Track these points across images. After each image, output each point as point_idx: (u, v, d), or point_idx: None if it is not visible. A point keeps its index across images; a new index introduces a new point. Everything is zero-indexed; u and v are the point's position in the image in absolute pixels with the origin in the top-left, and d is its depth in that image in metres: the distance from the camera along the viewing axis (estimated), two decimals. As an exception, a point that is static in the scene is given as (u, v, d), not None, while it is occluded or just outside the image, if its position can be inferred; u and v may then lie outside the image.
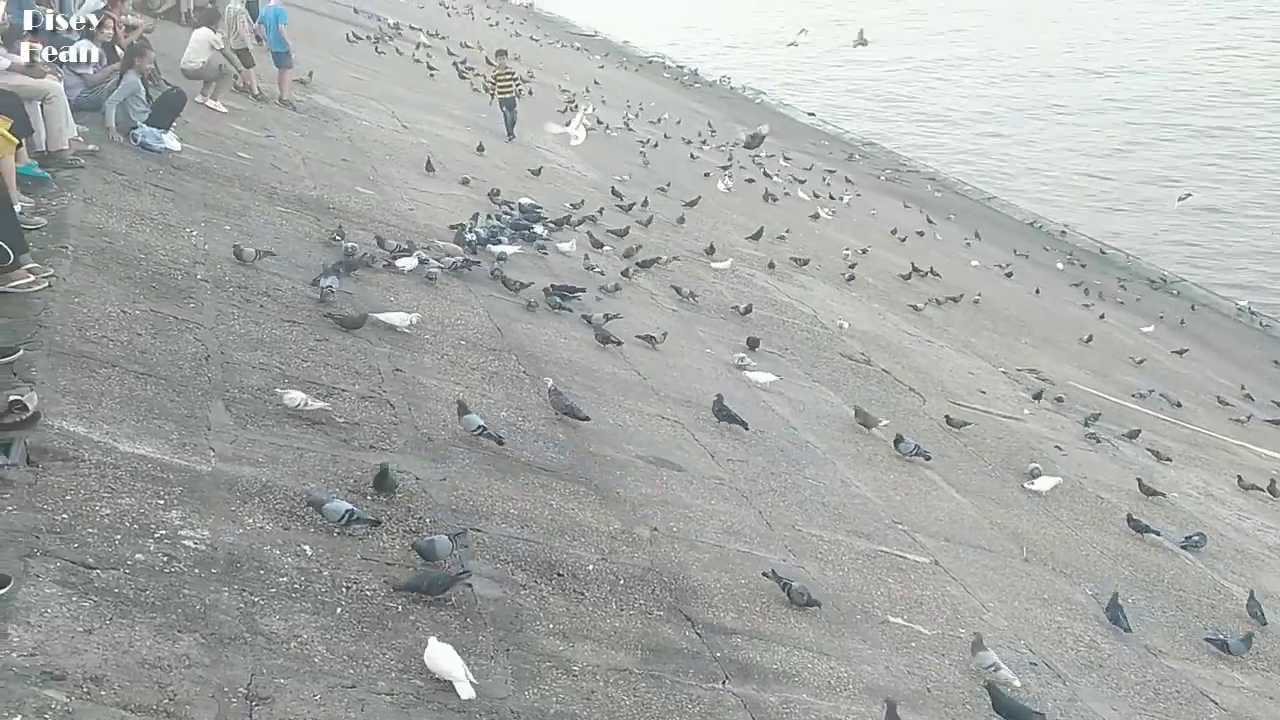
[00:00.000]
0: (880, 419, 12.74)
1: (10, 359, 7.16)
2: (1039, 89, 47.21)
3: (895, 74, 48.70)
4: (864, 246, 25.30)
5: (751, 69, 48.59)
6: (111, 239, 9.91)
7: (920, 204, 34.66)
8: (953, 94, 46.71)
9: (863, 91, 46.53)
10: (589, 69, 40.60)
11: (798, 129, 41.37)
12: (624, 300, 14.48)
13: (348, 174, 15.77)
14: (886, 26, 53.81)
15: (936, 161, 41.20)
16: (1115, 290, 32.80)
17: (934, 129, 43.45)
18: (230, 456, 7.05)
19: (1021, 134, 43.43)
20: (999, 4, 59.47)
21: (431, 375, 9.65)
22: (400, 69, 28.77)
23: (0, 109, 10.06)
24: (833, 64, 49.53)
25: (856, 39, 42.29)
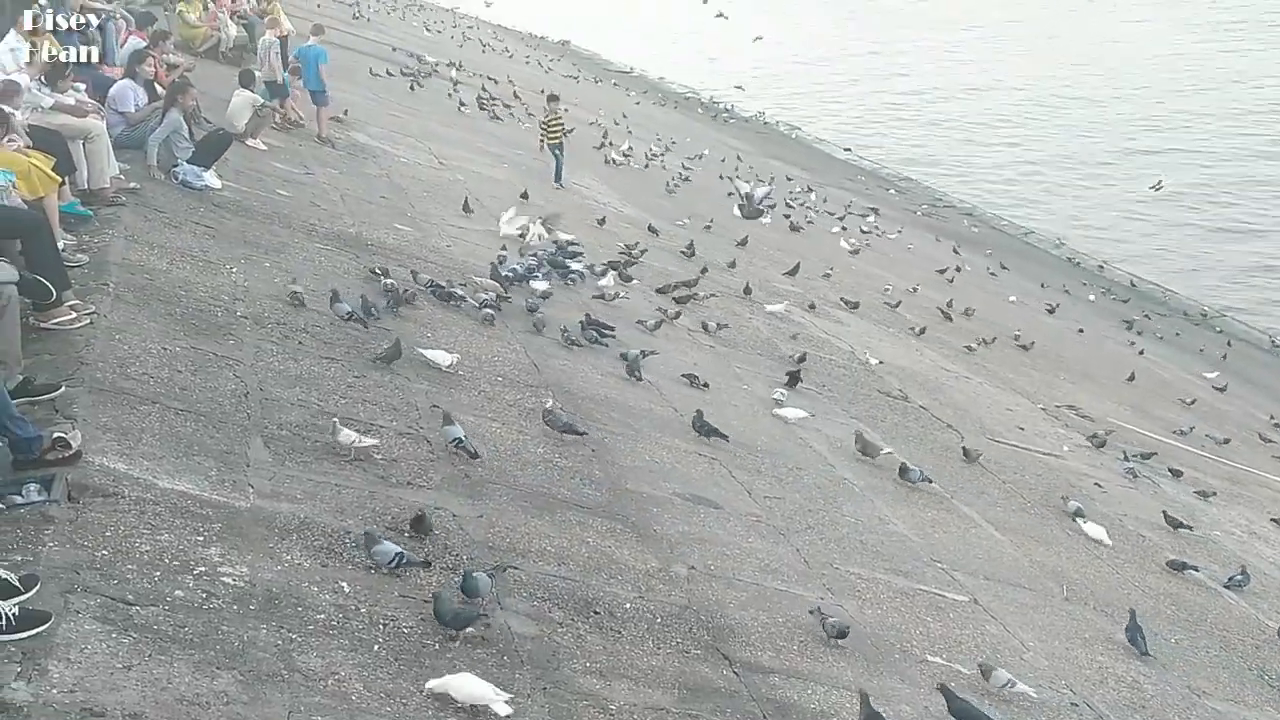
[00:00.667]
0: (883, 447, 12.60)
1: (52, 396, 7.23)
2: (1076, 125, 47.09)
3: (931, 106, 48.68)
4: (913, 285, 25.17)
5: (784, 102, 48.64)
6: (152, 276, 9.99)
7: (956, 239, 34.59)
8: (988, 126, 46.66)
9: (898, 124, 46.51)
10: (625, 105, 40.75)
11: (833, 164, 41.40)
12: (660, 337, 14.47)
13: (386, 211, 15.86)
14: (921, 61, 54.03)
15: (972, 195, 41.12)
16: (1154, 325, 32.57)
17: (967, 162, 43.38)
18: (269, 493, 7.08)
19: (1058, 168, 43.29)
20: (1041, 47, 59.45)
21: (468, 411, 9.66)
22: (437, 106, 28.96)
23: (44, 147, 10.20)
24: (867, 95, 49.58)
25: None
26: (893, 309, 21.62)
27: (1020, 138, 45.48)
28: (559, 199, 21.45)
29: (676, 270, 18.46)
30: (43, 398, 7.18)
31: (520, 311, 13.13)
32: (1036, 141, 45.05)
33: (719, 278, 19.17)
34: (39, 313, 8.25)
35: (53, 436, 6.53)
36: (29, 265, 8.29)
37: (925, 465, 13.03)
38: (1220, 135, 45.52)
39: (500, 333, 12.23)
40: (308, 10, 37.21)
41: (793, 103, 48.80)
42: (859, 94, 49.90)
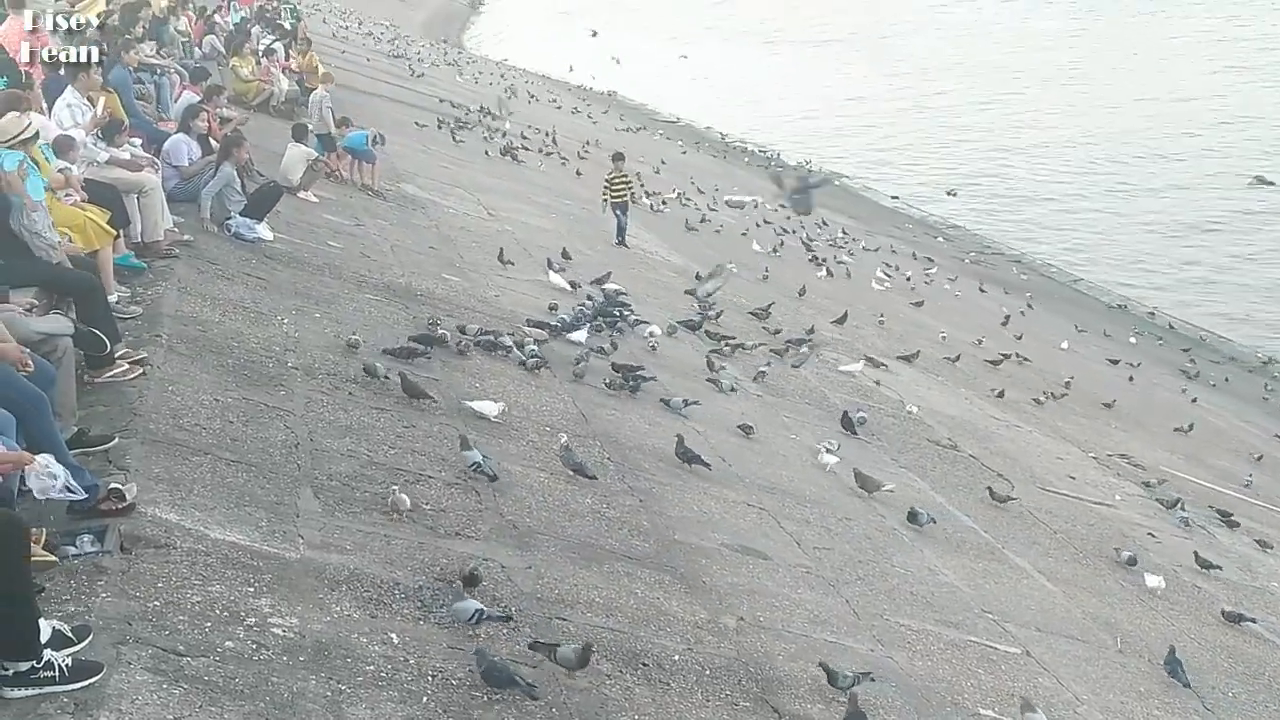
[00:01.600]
0: (884, 483, 12.45)
1: (106, 447, 7.30)
2: (1126, 172, 46.88)
3: (979, 153, 48.58)
4: (977, 338, 24.95)
5: (833, 150, 48.66)
6: (205, 327, 10.10)
7: (1005, 286, 34.42)
8: (1037, 172, 46.50)
9: (945, 171, 46.41)
10: (671, 154, 40.93)
11: (881, 212, 41.35)
12: (705, 384, 14.46)
13: (435, 261, 15.98)
14: (969, 108, 54.03)
15: (1020, 242, 40.93)
16: (1205, 371, 32.15)
17: (1017, 210, 43.21)
18: (319, 544, 7.11)
19: (1105, 212, 43.05)
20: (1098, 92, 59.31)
21: (516, 461, 9.68)
22: (485, 157, 29.17)
23: (99, 201, 10.36)
24: (913, 142, 49.56)
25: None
26: (952, 362, 21.32)
27: (1069, 184, 45.32)
28: (616, 256, 21.53)
29: (741, 324, 18.47)
30: (97, 449, 7.26)
31: (568, 361, 13.15)
32: (1086, 188, 44.86)
33: (769, 326, 19.15)
34: (92, 370, 8.36)
35: (109, 487, 6.60)
36: (81, 319, 8.40)
37: (975, 515, 12.94)
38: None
39: (548, 382, 12.26)
40: (360, 65, 37.73)
41: (837, 150, 48.80)
42: (905, 141, 49.83)
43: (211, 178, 13.58)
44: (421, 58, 51.05)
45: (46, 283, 8.77)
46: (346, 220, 16.63)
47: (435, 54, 56.00)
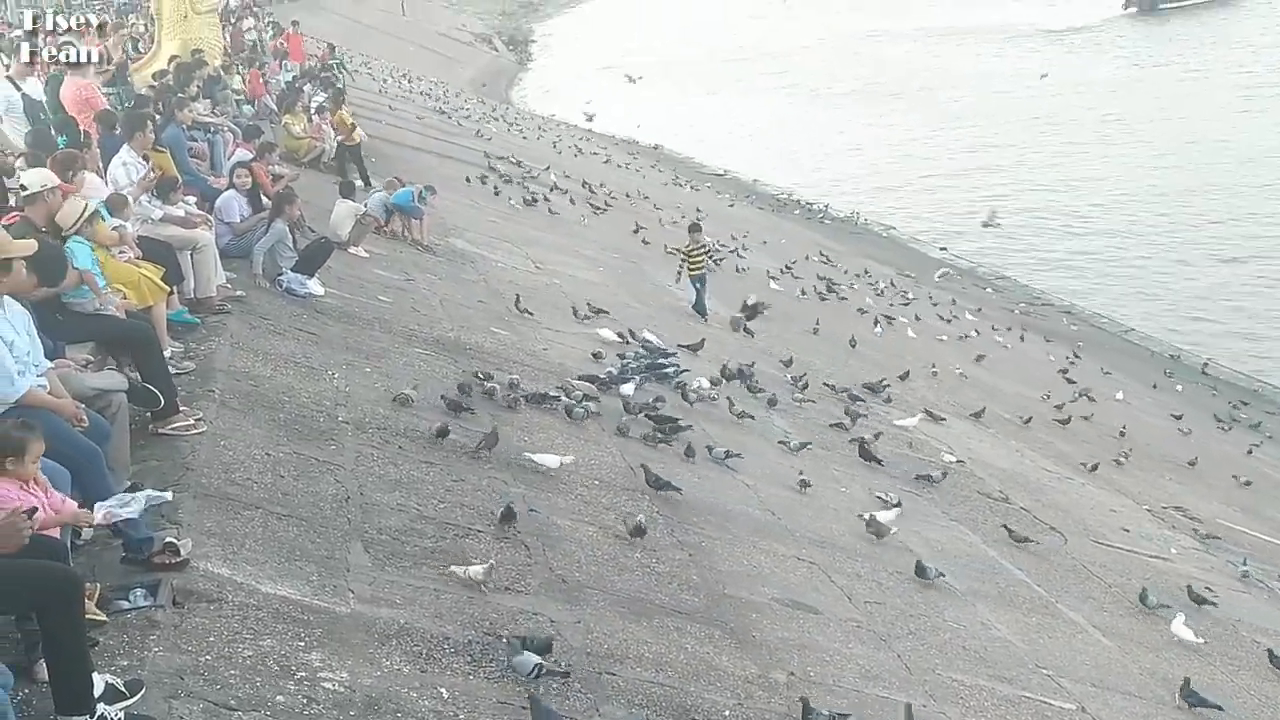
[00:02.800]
0: (891, 528, 12.28)
1: (158, 502, 7.35)
2: (1176, 221, 46.53)
3: (1026, 203, 48.38)
4: (1044, 393, 24.75)
5: (880, 201, 48.65)
6: (257, 382, 10.18)
7: (1054, 336, 34.18)
8: (1089, 222, 46.26)
9: (991, 227, 46.29)
10: (719, 208, 41.05)
11: (929, 263, 41.21)
12: (753, 435, 14.42)
13: (484, 315, 16.06)
14: (1015, 159, 53.88)
15: (1067, 292, 40.64)
16: (1256, 421, 31.68)
17: (1066, 261, 42.96)
18: (369, 598, 7.12)
19: (1155, 263, 42.72)
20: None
21: (566, 516, 9.67)
22: (532, 211, 29.33)
23: (154, 258, 10.49)
24: (960, 193, 49.44)
25: (988, 219, 42.02)
26: (1024, 424, 21.01)
27: (1122, 235, 45.04)
28: (643, 290, 21.54)
29: (775, 373, 18.43)
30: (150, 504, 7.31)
31: (617, 414, 13.14)
32: (1137, 240, 44.59)
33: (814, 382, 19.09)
34: (157, 421, 8.45)
35: (164, 541, 6.65)
36: (139, 374, 8.50)
37: (1028, 568, 12.79)
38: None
39: (597, 436, 12.26)
40: (409, 122, 38.15)
41: (885, 201, 48.80)
42: (954, 193, 49.74)
43: (264, 234, 13.73)
44: (470, 114, 51.55)
45: (102, 338, 8.88)
46: (396, 275, 16.74)
47: (484, 110, 56.50)
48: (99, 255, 9.42)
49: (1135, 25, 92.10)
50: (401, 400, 10.98)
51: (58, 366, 7.50)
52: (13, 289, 7.05)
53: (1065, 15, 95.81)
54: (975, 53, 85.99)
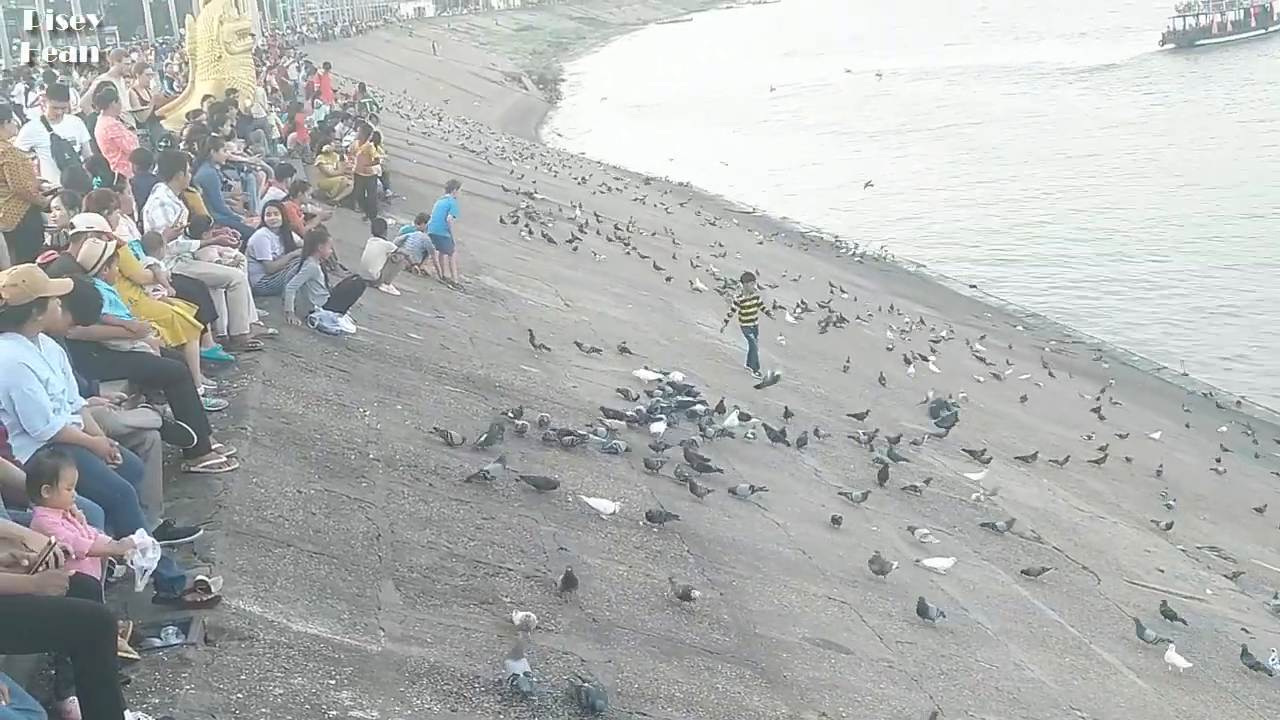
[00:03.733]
0: (893, 563, 12.07)
1: (191, 539, 7.39)
2: (1212, 257, 46.25)
3: (1054, 240, 48.20)
4: (1087, 434, 24.51)
5: (909, 238, 48.56)
6: (289, 420, 10.23)
7: (1085, 374, 33.97)
8: (1116, 259, 46.05)
9: (1022, 258, 46.10)
10: (748, 245, 41.09)
11: (958, 301, 41.11)
12: (785, 474, 14.38)
13: (513, 352, 16.10)
14: (1037, 195, 53.75)
15: (1098, 329, 40.39)
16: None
17: (1095, 299, 42.73)
18: (399, 636, 7.11)
19: (1184, 300, 42.44)
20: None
21: (595, 554, 9.66)
22: (562, 248, 29.44)
23: (187, 296, 10.57)
24: (988, 230, 49.33)
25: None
26: (1060, 466, 20.76)
27: (1150, 271, 44.82)
28: (670, 327, 21.53)
29: (826, 417, 18.37)
30: (182, 540, 7.36)
31: (645, 452, 13.10)
32: (1166, 276, 44.36)
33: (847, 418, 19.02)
34: (189, 458, 8.50)
35: (195, 579, 6.68)
36: (173, 412, 8.55)
37: (1061, 608, 12.68)
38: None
39: (625, 473, 12.24)
40: (440, 160, 38.41)
41: (913, 238, 48.75)
42: (982, 229, 49.66)
43: (296, 272, 13.82)
44: (499, 152, 51.86)
45: (136, 376, 8.94)
46: (427, 312, 16.82)
47: (513, 148, 56.83)
48: (133, 294, 9.51)
49: (1170, 62, 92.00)
50: (444, 437, 11.07)
51: (92, 404, 7.55)
52: (48, 327, 7.13)
53: (1099, 53, 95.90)
54: (1005, 91, 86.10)
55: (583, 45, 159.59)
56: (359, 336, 13.89)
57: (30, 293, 6.90)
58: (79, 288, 7.73)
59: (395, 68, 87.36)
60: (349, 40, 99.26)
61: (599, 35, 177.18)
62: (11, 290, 6.91)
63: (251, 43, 28.60)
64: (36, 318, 6.90)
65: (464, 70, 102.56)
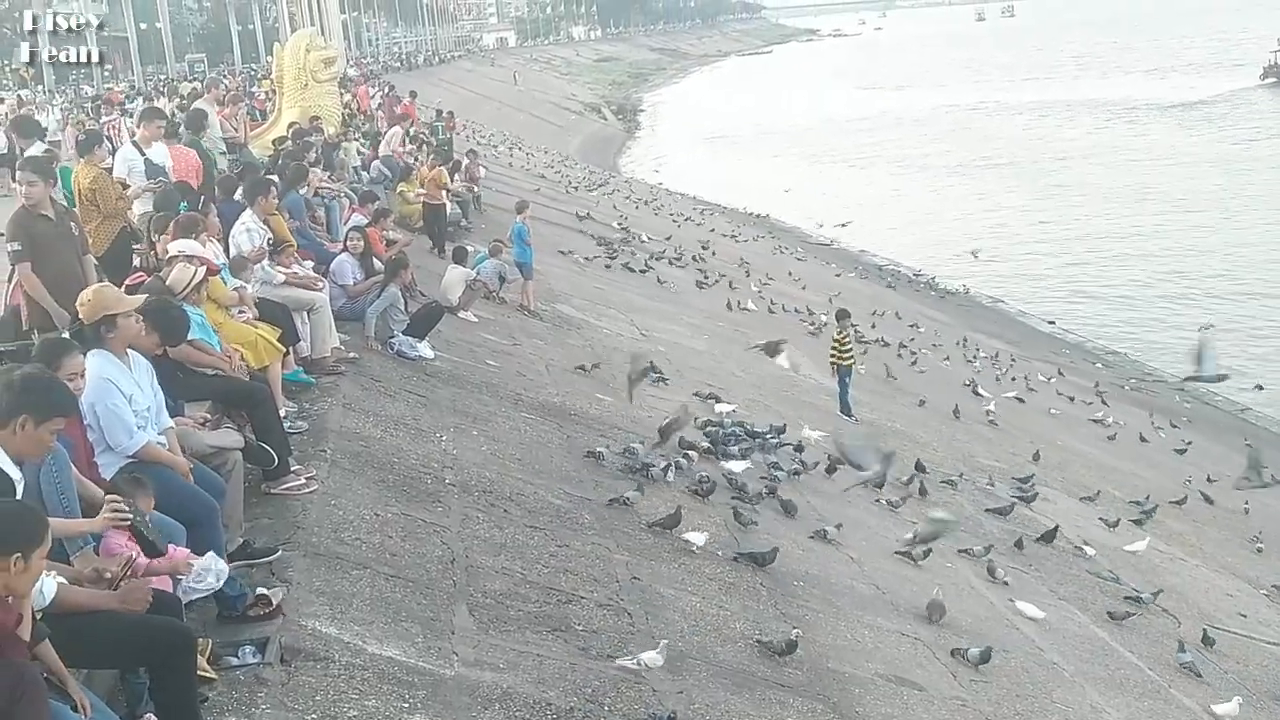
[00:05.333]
0: (947, 609, 11.82)
1: (269, 559, 7.49)
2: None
3: (1137, 277, 47.55)
4: (1158, 471, 24.10)
5: (988, 274, 48.10)
6: (367, 443, 10.34)
7: (1167, 414, 33.43)
8: (1198, 297, 45.33)
9: (1103, 294, 45.51)
10: (825, 277, 40.96)
11: (1038, 337, 40.64)
12: (860, 509, 14.28)
13: (588, 381, 16.15)
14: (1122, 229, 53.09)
15: (1180, 369, 39.67)
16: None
17: (1178, 334, 42.04)
18: (472, 661, 7.15)
19: (1270, 340, 41.63)
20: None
21: (668, 584, 9.64)
22: (638, 278, 29.53)
23: (271, 319, 10.74)
24: (1069, 266, 48.74)
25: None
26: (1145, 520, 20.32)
27: (1236, 310, 44.06)
28: (748, 361, 21.46)
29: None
30: (260, 561, 7.45)
31: (719, 482, 13.05)
32: (1252, 315, 43.57)
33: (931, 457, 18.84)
34: (269, 480, 8.62)
35: (255, 593, 6.77)
36: (255, 433, 8.68)
37: (1139, 651, 12.46)
38: None
39: (699, 503, 12.20)
40: (519, 190, 38.70)
41: (992, 274, 48.29)
42: (1062, 265, 49.08)
43: (377, 297, 13.98)
44: (578, 181, 52.19)
45: (220, 397, 9.08)
46: (503, 339, 16.94)
47: (591, 177, 57.17)
48: (219, 316, 9.68)
49: (1271, 97, 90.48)
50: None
51: (177, 424, 7.68)
52: (133, 345, 7.27)
53: (1190, 88, 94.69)
54: (1089, 126, 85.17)
55: (662, 76, 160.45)
56: (437, 362, 14.02)
57: (98, 310, 7.08)
58: (167, 310, 7.89)
59: (476, 97, 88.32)
60: (432, 69, 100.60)
61: (678, 67, 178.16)
62: (83, 308, 7.17)
63: (337, 71, 29.09)
64: (106, 335, 7.05)
65: (544, 100, 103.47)
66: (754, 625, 9.44)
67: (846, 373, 20.07)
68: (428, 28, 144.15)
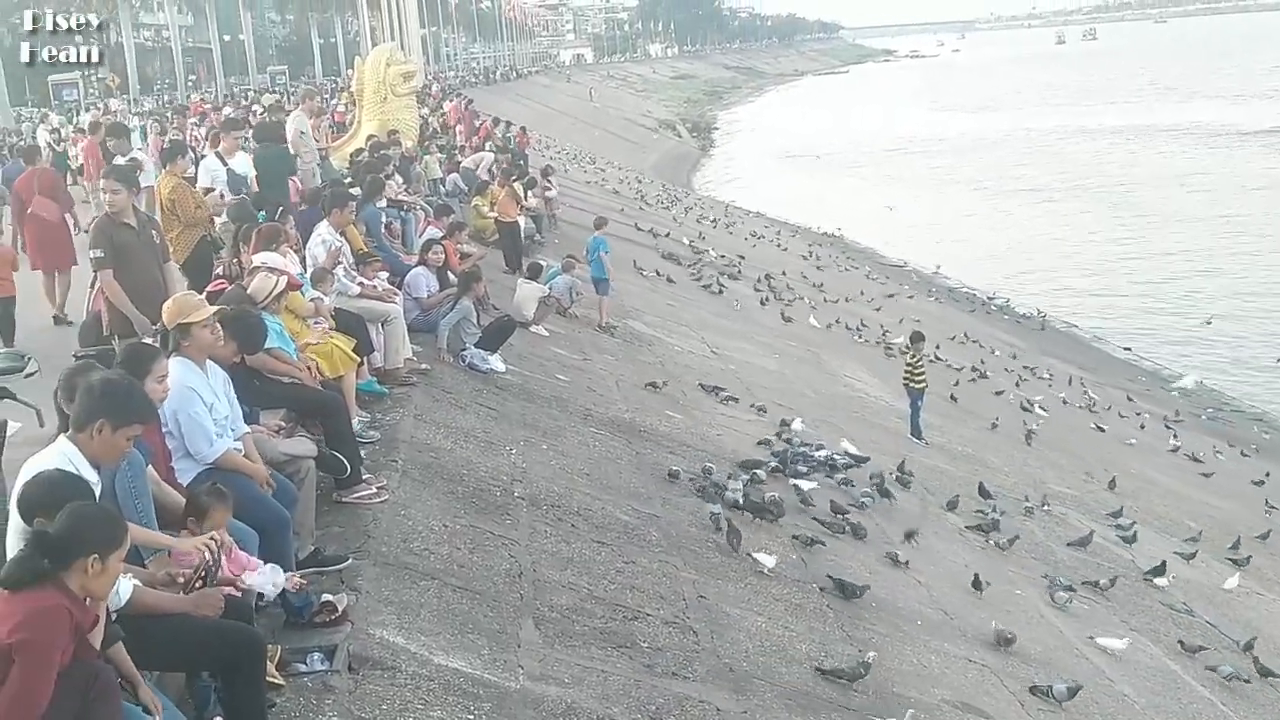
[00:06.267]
0: (1015, 638, 11.56)
1: (340, 567, 7.55)
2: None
3: (1219, 305, 46.77)
4: (1234, 503, 23.68)
5: (1063, 299, 47.54)
6: (438, 454, 10.41)
7: (1244, 444, 32.85)
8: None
9: (1179, 326, 44.81)
10: (898, 299, 40.68)
11: (1112, 364, 40.12)
12: (929, 532, 14.16)
13: (659, 398, 16.15)
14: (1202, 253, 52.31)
15: (1259, 400, 38.93)
16: None
17: (1254, 362, 41.28)
18: (538, 675, 7.16)
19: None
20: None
21: (734, 604, 9.61)
22: (710, 296, 29.50)
23: (346, 329, 10.85)
24: (1147, 294, 48.06)
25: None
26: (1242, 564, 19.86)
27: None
28: (815, 378, 21.38)
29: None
30: (331, 568, 7.52)
31: (788, 504, 12.98)
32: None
33: (1001, 481, 18.64)
34: (341, 488, 8.71)
35: (322, 599, 6.83)
36: (328, 441, 8.76)
37: (1211, 686, 12.25)
38: None
39: (767, 524, 12.13)
40: (594, 206, 38.83)
41: (1068, 300, 47.71)
42: (1139, 293, 48.40)
43: (450, 309, 14.09)
44: (651, 198, 52.29)
45: (295, 406, 9.19)
46: (574, 355, 16.99)
47: (665, 195, 57.26)
48: (296, 326, 9.80)
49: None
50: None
51: (253, 431, 7.77)
52: (211, 354, 7.37)
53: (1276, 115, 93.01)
54: (1173, 152, 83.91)
55: (738, 95, 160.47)
56: (508, 375, 14.09)
57: (174, 317, 7.22)
58: (246, 319, 8.01)
59: (553, 112, 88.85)
60: (509, 84, 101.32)
61: (754, 85, 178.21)
62: (164, 314, 7.35)
63: (416, 85, 29.38)
64: (182, 343, 7.16)
65: (619, 116, 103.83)
66: (820, 647, 9.39)
67: (918, 395, 19.89)
68: (506, 43, 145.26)
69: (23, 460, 5.52)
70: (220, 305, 8.12)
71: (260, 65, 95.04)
